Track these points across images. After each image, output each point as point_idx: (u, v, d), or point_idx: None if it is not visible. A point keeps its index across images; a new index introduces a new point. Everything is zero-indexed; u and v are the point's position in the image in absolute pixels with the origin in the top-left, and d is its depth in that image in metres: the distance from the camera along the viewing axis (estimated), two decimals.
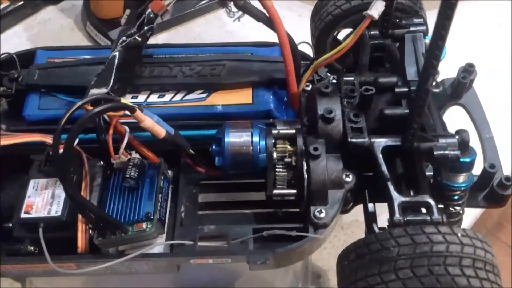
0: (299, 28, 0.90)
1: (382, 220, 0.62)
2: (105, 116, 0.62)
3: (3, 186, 0.69)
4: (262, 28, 0.66)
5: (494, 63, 1.02)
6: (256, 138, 0.63)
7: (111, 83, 0.65)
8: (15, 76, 0.72)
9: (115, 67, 0.66)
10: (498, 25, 1.12)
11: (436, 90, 0.47)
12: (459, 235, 0.53)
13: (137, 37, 0.68)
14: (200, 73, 0.71)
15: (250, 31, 0.66)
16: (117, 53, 0.67)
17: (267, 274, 0.75)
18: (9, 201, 0.66)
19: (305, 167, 0.61)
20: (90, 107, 0.58)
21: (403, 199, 0.58)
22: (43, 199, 0.62)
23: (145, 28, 0.69)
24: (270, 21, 0.63)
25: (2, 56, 0.74)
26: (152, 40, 1.13)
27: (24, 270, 0.62)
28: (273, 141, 0.63)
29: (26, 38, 1.14)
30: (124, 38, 0.67)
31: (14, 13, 1.15)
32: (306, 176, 0.61)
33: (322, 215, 0.61)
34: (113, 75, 0.65)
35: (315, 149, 0.61)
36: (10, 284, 0.80)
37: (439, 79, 0.71)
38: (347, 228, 0.87)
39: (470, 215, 0.87)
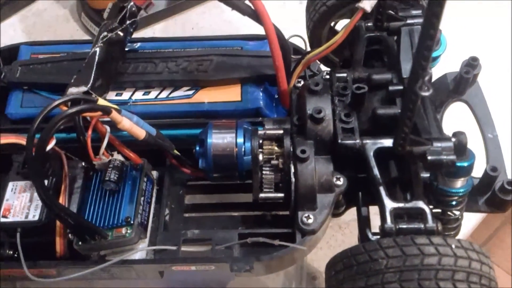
0: (295, 21, 0.86)
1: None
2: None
3: None
4: None
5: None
6: (240, 139, 0.59)
7: (91, 81, 0.62)
8: None
9: (95, 63, 0.63)
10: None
11: (426, 94, 0.43)
12: (453, 246, 0.49)
13: (119, 32, 0.65)
14: (187, 69, 0.68)
15: (249, 20, 0.62)
16: (98, 49, 0.63)
17: None
18: None
19: (292, 170, 0.58)
20: (65, 108, 0.56)
21: (395, 205, 0.54)
22: (21, 203, 0.60)
23: (128, 22, 0.65)
24: (256, 14, 0.60)
25: None
26: (148, 31, 1.11)
27: (3, 275, 0.60)
28: (260, 142, 0.60)
29: (22, 30, 1.11)
30: (105, 33, 0.64)
31: (10, 4, 1.13)
32: (293, 179, 0.58)
33: (310, 220, 0.58)
34: (93, 72, 0.62)
35: (303, 151, 0.57)
36: None
37: (436, 76, 0.67)
38: (345, 227, 0.84)
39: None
